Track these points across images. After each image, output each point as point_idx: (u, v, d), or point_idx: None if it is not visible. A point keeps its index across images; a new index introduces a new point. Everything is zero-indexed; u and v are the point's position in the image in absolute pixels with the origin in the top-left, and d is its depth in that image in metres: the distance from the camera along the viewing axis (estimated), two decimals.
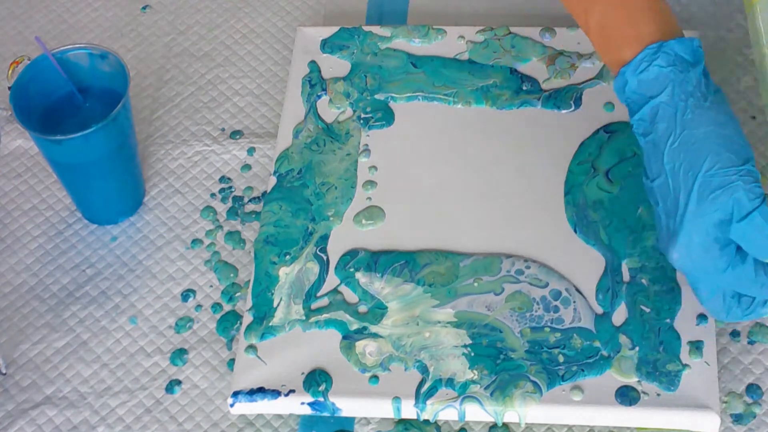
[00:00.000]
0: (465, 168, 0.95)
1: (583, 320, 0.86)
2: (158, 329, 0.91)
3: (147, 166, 1.00)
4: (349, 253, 0.91)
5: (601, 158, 0.94)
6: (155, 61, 1.07)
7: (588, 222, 0.90)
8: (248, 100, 1.03)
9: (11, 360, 0.90)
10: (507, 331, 0.86)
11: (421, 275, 0.89)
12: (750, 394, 0.84)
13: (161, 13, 1.11)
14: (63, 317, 0.92)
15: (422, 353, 0.85)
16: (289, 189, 0.94)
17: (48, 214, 0.98)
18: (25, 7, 1.12)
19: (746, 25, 1.04)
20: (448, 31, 1.03)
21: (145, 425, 0.86)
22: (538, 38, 1.01)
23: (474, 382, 0.83)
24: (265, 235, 0.92)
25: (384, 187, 0.94)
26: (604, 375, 0.83)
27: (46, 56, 0.92)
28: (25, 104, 0.91)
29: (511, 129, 0.97)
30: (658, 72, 0.79)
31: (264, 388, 0.84)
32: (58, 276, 0.94)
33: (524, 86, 0.99)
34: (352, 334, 0.86)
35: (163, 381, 0.88)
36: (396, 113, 0.98)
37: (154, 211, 0.97)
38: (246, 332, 0.87)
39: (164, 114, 1.03)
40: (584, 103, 0.97)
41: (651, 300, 0.86)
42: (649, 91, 0.79)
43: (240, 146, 1.00)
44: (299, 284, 0.89)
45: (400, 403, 0.83)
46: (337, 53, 1.02)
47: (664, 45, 0.79)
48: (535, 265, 0.89)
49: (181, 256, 0.94)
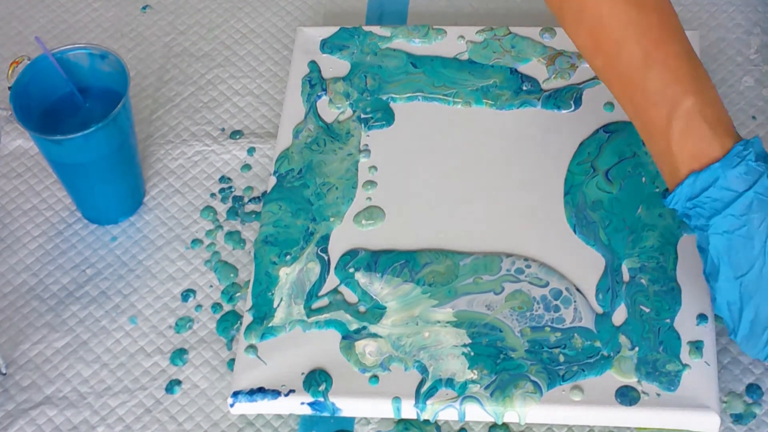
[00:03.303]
0: (465, 168, 0.95)
1: (583, 320, 0.86)
2: (158, 329, 0.91)
3: (147, 166, 1.00)
4: (349, 252, 0.91)
5: (600, 158, 0.94)
6: (155, 61, 1.07)
7: (587, 222, 0.90)
8: (248, 100, 1.04)
9: (11, 360, 0.90)
10: (507, 331, 0.86)
11: (421, 275, 0.89)
12: (750, 394, 0.84)
13: (161, 13, 1.11)
14: (63, 317, 0.92)
15: (421, 353, 0.85)
16: (289, 189, 0.94)
17: (48, 214, 0.98)
18: (25, 7, 1.12)
19: (746, 25, 1.04)
20: (448, 31, 1.03)
21: (145, 425, 0.86)
22: (538, 38, 1.01)
23: (474, 381, 0.83)
24: (264, 235, 0.92)
25: (384, 187, 0.94)
26: (604, 375, 0.83)
27: (46, 56, 0.92)
28: (25, 104, 0.91)
29: (511, 129, 0.97)
30: (747, 168, 0.78)
31: (264, 388, 0.84)
32: (58, 276, 0.94)
33: (524, 86, 0.99)
34: (352, 334, 0.86)
35: (163, 381, 0.88)
36: (396, 113, 0.98)
37: (154, 211, 0.97)
38: (246, 332, 0.87)
39: (164, 114, 1.03)
40: (584, 103, 0.97)
41: (651, 300, 0.86)
42: (740, 186, 0.78)
43: (240, 146, 1.00)
44: (300, 284, 0.89)
45: (400, 403, 0.83)
46: (336, 53, 1.02)
47: (749, 142, 0.79)
48: (536, 264, 0.89)
49: (181, 256, 0.94)
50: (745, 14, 1.05)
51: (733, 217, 0.78)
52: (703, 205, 0.79)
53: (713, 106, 0.80)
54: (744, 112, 0.99)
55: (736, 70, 1.01)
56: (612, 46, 0.81)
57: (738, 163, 0.78)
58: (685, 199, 0.80)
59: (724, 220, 0.78)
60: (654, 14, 0.81)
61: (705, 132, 0.79)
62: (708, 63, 1.01)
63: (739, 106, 0.99)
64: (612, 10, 0.81)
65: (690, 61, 0.81)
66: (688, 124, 0.79)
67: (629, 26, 0.81)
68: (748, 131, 0.97)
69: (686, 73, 0.80)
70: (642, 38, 0.81)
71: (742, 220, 0.78)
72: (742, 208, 0.78)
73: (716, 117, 0.79)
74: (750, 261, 0.78)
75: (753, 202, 0.78)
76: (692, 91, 0.79)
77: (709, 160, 0.79)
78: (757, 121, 0.98)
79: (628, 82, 0.81)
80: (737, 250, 0.78)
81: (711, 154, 0.79)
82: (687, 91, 0.79)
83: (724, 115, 0.80)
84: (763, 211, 0.78)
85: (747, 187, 0.78)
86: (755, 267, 0.78)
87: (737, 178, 0.78)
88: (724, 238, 0.78)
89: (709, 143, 0.79)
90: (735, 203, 0.78)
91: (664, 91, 0.80)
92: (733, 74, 1.01)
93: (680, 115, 0.79)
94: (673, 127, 0.79)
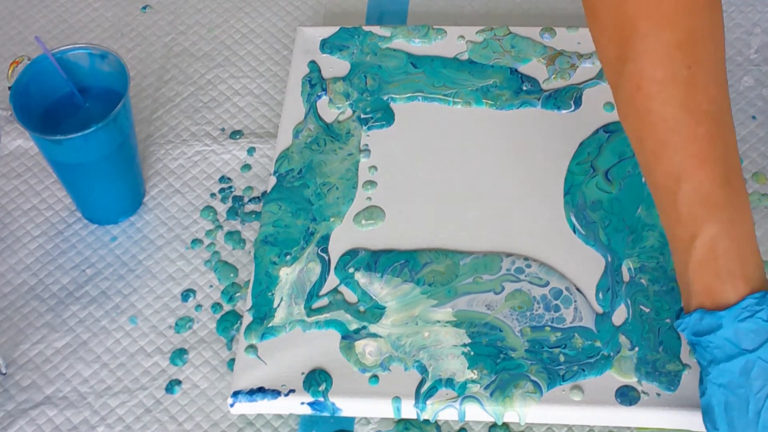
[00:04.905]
0: (465, 168, 0.95)
1: (584, 320, 0.86)
2: (158, 329, 0.91)
3: (147, 166, 1.00)
4: (349, 252, 0.91)
5: (600, 158, 0.94)
6: (155, 61, 1.07)
7: (587, 222, 0.90)
8: (248, 100, 1.04)
9: (11, 360, 0.90)
10: (507, 331, 0.86)
11: (421, 275, 0.89)
12: None
13: (161, 13, 1.11)
14: (63, 317, 0.92)
15: (421, 353, 0.85)
16: (289, 189, 0.94)
17: (48, 214, 0.98)
18: (25, 7, 1.12)
19: (746, 25, 1.04)
20: (448, 31, 1.03)
21: (145, 425, 0.86)
22: (538, 38, 1.01)
23: (474, 381, 0.83)
24: (264, 235, 0.92)
25: (384, 187, 0.94)
26: (604, 375, 0.83)
27: (46, 56, 0.92)
28: (25, 104, 0.91)
29: (511, 129, 0.97)
30: (757, 325, 0.72)
31: (264, 388, 0.84)
32: (58, 276, 0.94)
33: (524, 86, 0.99)
34: (352, 334, 0.86)
35: (163, 381, 0.88)
36: (396, 113, 0.98)
37: (154, 211, 0.97)
38: (246, 332, 0.87)
39: (164, 114, 1.03)
40: (584, 103, 0.97)
41: (651, 300, 0.86)
42: (745, 343, 0.72)
43: (240, 146, 1.00)
44: (300, 284, 0.89)
45: (400, 403, 0.83)
46: (336, 53, 1.02)
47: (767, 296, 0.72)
48: (536, 263, 0.89)
49: (181, 256, 0.94)
50: (745, 14, 1.05)
51: (732, 374, 0.73)
52: (705, 348, 0.74)
53: (738, 241, 0.73)
54: (744, 112, 0.99)
55: (736, 70, 1.01)
56: (656, 145, 0.75)
57: (746, 317, 0.72)
58: (691, 333, 0.75)
59: (722, 373, 0.73)
60: (704, 123, 0.74)
61: (721, 270, 0.73)
62: None
63: (739, 106, 0.99)
64: (662, 108, 0.74)
65: (727, 185, 0.74)
66: (705, 255, 0.74)
67: (674, 132, 0.74)
68: (748, 131, 0.97)
69: (719, 200, 0.74)
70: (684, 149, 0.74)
71: (740, 381, 0.72)
72: (742, 369, 0.72)
73: (738, 254, 0.73)
74: (744, 424, 0.72)
75: (755, 367, 0.72)
76: (718, 220, 0.73)
77: (720, 302, 0.73)
78: (757, 121, 0.98)
79: (664, 191, 0.76)
80: (732, 407, 0.73)
81: (722, 296, 0.73)
82: (713, 219, 0.73)
83: (751, 253, 0.74)
84: (765, 380, 0.72)
85: (753, 348, 0.72)
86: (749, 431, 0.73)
87: (743, 335, 0.72)
88: (720, 390, 0.73)
89: (722, 284, 0.73)
90: (735, 360, 0.72)
91: (691, 213, 0.74)
92: (733, 74, 1.01)
93: (700, 243, 0.74)
94: (692, 254, 0.74)
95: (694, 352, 0.76)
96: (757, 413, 0.72)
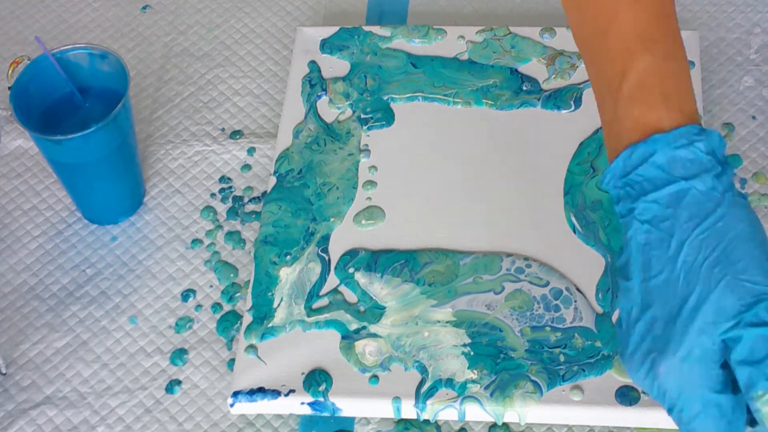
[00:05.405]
0: (465, 168, 0.95)
1: (584, 320, 0.86)
2: (158, 329, 0.91)
3: (147, 166, 1.00)
4: (349, 252, 0.91)
5: (600, 158, 0.94)
6: (155, 61, 1.07)
7: (587, 222, 0.90)
8: (248, 100, 1.04)
9: (11, 360, 0.90)
10: (507, 331, 0.86)
11: (421, 275, 0.89)
12: None
13: (161, 13, 1.11)
14: (63, 317, 0.92)
15: (421, 353, 0.85)
16: (289, 189, 0.94)
17: (48, 214, 0.98)
18: (25, 7, 1.12)
19: (746, 25, 1.04)
20: (448, 31, 1.03)
21: (145, 425, 0.86)
22: (538, 38, 1.01)
23: (474, 381, 0.83)
24: (264, 235, 0.92)
25: (384, 187, 0.94)
26: (604, 375, 0.83)
27: (46, 56, 0.92)
28: (25, 104, 0.91)
29: (511, 129, 0.97)
30: (695, 155, 0.65)
31: (264, 388, 0.84)
32: (58, 276, 0.94)
33: (524, 86, 0.99)
34: (352, 334, 0.86)
35: (163, 381, 0.88)
36: (396, 113, 0.98)
37: (154, 211, 0.97)
38: (246, 332, 0.87)
39: (164, 114, 1.03)
40: (584, 103, 0.97)
41: None
42: (679, 172, 0.65)
43: (240, 146, 1.00)
44: (300, 284, 0.89)
45: (400, 403, 0.83)
46: (336, 53, 1.02)
47: (707, 131, 0.66)
48: (536, 263, 0.89)
49: (181, 256, 0.94)
50: (745, 14, 1.05)
51: (658, 205, 0.66)
52: (633, 185, 0.67)
53: (674, 75, 0.67)
54: (744, 112, 0.99)
55: (736, 70, 1.01)
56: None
57: (684, 145, 0.65)
58: (618, 176, 0.67)
59: (648, 206, 0.66)
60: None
61: (656, 99, 0.66)
62: (708, 63, 1.01)
63: (739, 106, 0.99)
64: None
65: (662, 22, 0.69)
66: (639, 85, 0.67)
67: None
68: (748, 131, 0.97)
69: (654, 35, 0.68)
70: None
71: (667, 212, 0.65)
72: (671, 197, 0.65)
73: (676, 89, 0.67)
74: (662, 263, 0.65)
75: (687, 196, 0.65)
76: (652, 53, 0.67)
77: (653, 131, 0.66)
78: (757, 121, 0.98)
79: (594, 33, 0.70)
80: (652, 246, 0.65)
81: (656, 125, 0.66)
82: (647, 51, 0.67)
83: (687, 93, 0.67)
84: (695, 211, 0.65)
85: (686, 177, 0.65)
86: (664, 272, 0.65)
87: (677, 162, 0.65)
88: (643, 228, 0.66)
89: (658, 113, 0.66)
90: (664, 189, 0.66)
91: (623, 47, 0.68)
92: (733, 74, 1.01)
93: (632, 75, 0.67)
94: (622, 89, 0.67)
95: (618, 209, 0.68)
96: (680, 245, 0.64)
